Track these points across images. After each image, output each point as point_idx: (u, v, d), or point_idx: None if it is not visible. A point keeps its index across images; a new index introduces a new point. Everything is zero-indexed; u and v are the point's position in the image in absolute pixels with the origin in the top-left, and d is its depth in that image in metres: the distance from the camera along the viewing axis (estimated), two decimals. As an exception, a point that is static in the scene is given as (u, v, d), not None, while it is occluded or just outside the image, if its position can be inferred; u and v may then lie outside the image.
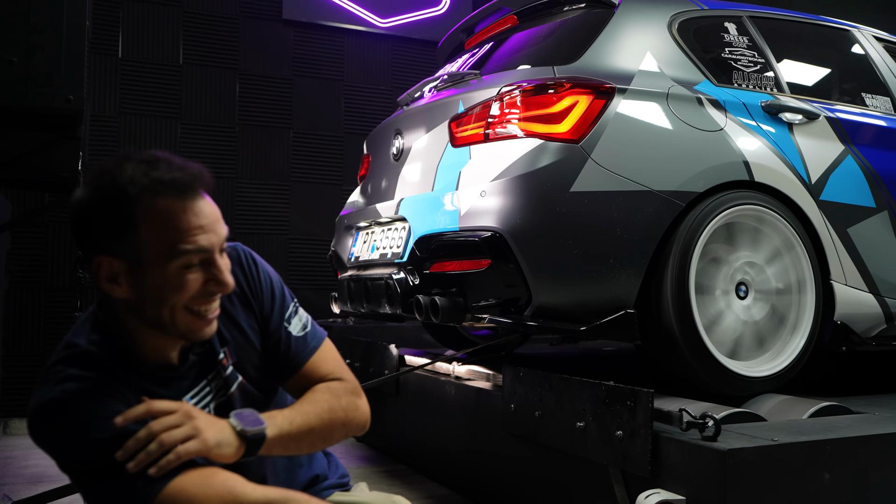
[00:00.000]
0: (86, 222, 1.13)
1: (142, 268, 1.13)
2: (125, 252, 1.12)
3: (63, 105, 1.81)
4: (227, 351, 1.31)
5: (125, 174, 1.12)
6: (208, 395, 1.29)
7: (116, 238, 1.12)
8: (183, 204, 1.13)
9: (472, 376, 3.15)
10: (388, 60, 5.69)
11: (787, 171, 2.70)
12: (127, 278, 1.13)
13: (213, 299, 1.19)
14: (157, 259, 1.12)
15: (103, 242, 1.13)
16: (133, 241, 1.12)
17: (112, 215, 1.11)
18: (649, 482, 2.05)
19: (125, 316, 1.18)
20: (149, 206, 1.11)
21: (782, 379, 2.59)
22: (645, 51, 2.73)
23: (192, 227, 1.13)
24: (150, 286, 1.13)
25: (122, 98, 4.92)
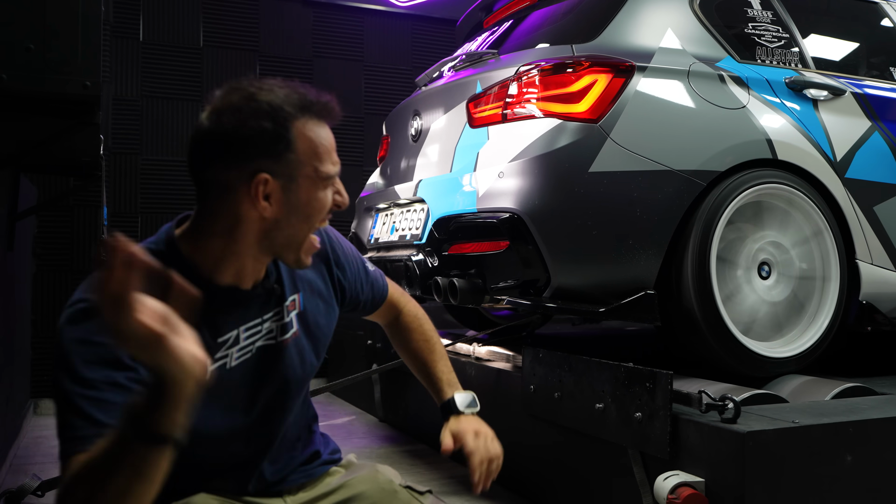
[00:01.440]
0: (241, 143, 1.14)
1: (295, 185, 1.18)
2: (282, 171, 1.17)
3: (80, 91, 1.81)
4: (297, 298, 1.36)
5: (279, 97, 1.16)
6: (259, 332, 1.29)
7: (276, 157, 1.16)
8: (325, 128, 1.22)
9: (493, 357, 3.15)
10: (409, 40, 5.65)
11: (811, 148, 2.65)
12: (279, 196, 1.17)
13: (328, 217, 1.27)
14: (309, 176, 1.19)
15: (262, 162, 1.15)
16: (290, 159, 1.17)
17: (272, 134, 1.15)
18: (668, 464, 2.04)
19: (245, 236, 1.19)
20: (302, 126, 1.17)
21: (805, 360, 2.56)
22: (666, 27, 2.68)
23: (333, 148, 1.22)
24: (301, 203, 1.19)
25: (144, 81, 4.94)
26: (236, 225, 1.19)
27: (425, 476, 3.10)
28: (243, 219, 1.18)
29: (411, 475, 3.11)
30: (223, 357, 1.25)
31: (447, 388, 1.64)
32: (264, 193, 1.17)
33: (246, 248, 1.21)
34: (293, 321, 1.35)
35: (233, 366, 1.26)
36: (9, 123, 2.08)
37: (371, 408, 4.24)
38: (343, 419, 4.24)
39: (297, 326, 1.36)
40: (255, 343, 1.29)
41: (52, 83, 1.80)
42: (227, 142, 1.15)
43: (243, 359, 1.28)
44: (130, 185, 4.87)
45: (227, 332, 1.25)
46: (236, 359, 1.27)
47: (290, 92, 1.18)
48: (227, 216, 1.18)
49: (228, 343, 1.25)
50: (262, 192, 1.16)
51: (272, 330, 1.32)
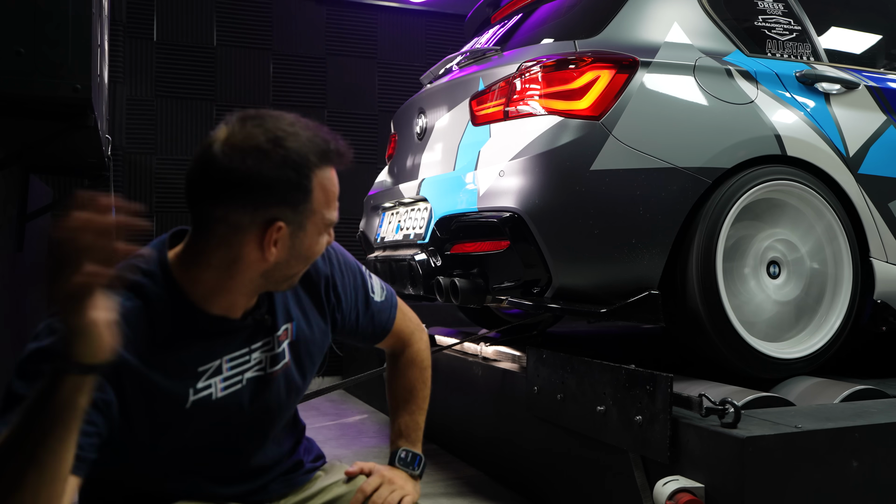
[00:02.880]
0: (264, 190, 1.12)
1: (303, 232, 1.17)
2: (296, 219, 1.16)
3: (71, 94, 1.82)
4: (289, 328, 1.33)
5: (304, 144, 1.14)
6: (248, 363, 1.27)
7: (294, 206, 1.15)
8: (334, 174, 1.21)
9: (499, 357, 3.12)
10: (422, 36, 5.63)
11: (822, 144, 2.58)
12: (286, 242, 1.17)
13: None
14: (316, 224, 1.18)
15: (280, 209, 1.14)
16: (306, 209, 1.16)
17: (295, 185, 1.13)
18: (668, 468, 2.00)
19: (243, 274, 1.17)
20: (321, 176, 1.17)
21: (816, 361, 2.50)
22: (672, 21, 2.63)
23: (336, 195, 1.21)
24: (304, 248, 1.19)
25: (158, 81, 4.98)
26: (235, 263, 1.16)
27: (432, 476, 3.08)
28: (244, 259, 1.16)
29: (417, 476, 3.09)
30: (206, 387, 1.22)
31: (399, 440, 1.58)
32: (274, 240, 1.15)
33: (241, 285, 1.19)
34: (285, 351, 1.33)
35: (219, 396, 1.24)
36: (2, 126, 2.09)
37: (383, 406, 4.24)
38: (355, 417, 4.24)
39: (289, 357, 1.34)
40: (244, 374, 1.27)
41: (43, 87, 1.81)
42: (248, 185, 1.11)
43: (233, 389, 1.26)
44: (145, 185, 4.91)
45: (209, 362, 1.22)
46: (223, 389, 1.24)
47: (313, 137, 1.16)
48: (227, 254, 1.15)
49: (209, 372, 1.23)
50: (273, 238, 1.15)
51: (261, 361, 1.30)
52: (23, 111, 1.89)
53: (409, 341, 1.60)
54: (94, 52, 1.90)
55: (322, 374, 5.32)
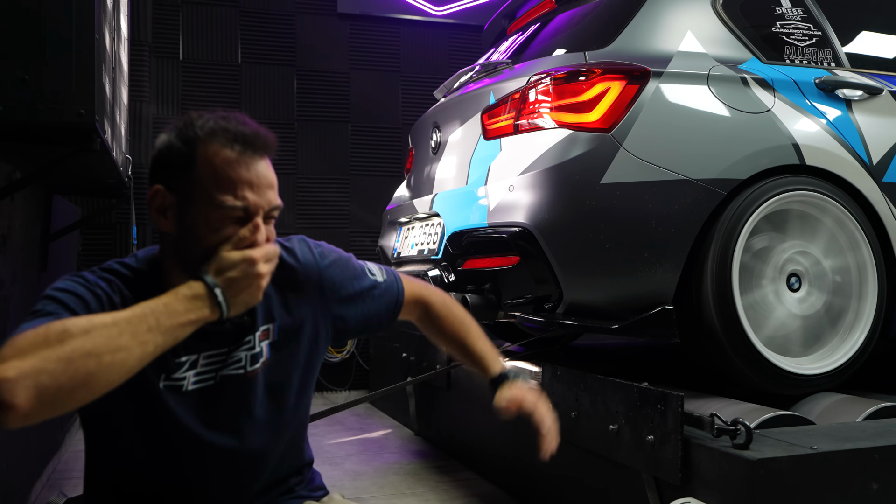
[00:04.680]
0: (157, 156, 1.24)
1: (189, 205, 1.20)
2: (178, 187, 1.20)
3: (75, 119, 1.84)
4: (271, 328, 1.33)
5: (200, 119, 1.22)
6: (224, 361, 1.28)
7: (175, 173, 1.21)
8: (240, 158, 1.20)
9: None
10: (445, 48, 5.62)
11: (844, 152, 2.50)
12: (174, 212, 1.21)
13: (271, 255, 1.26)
14: (203, 200, 1.19)
15: (163, 174, 1.22)
16: (188, 178, 1.19)
17: (177, 151, 1.20)
18: (680, 490, 1.95)
19: (165, 251, 1.27)
20: (209, 151, 1.19)
21: (840, 377, 2.41)
22: (685, 30, 2.57)
23: (241, 180, 1.20)
24: (192, 224, 1.20)
25: (184, 99, 5.05)
26: (161, 240, 1.27)
27: (450, 494, 3.06)
28: (161, 235, 1.25)
29: (436, 493, 3.07)
30: (179, 378, 1.24)
31: (493, 363, 1.60)
32: (160, 206, 1.22)
33: (172, 265, 1.25)
34: (263, 351, 1.32)
35: (189, 389, 1.25)
36: (15, 150, 2.13)
37: (408, 421, 4.22)
38: (379, 433, 4.23)
39: (268, 356, 1.33)
40: (218, 372, 1.28)
41: (47, 113, 1.83)
42: (153, 161, 1.26)
43: (204, 385, 1.27)
44: (173, 202, 4.97)
45: (185, 354, 1.24)
46: (193, 383, 1.26)
47: (216, 120, 1.22)
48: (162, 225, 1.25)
49: (185, 366, 1.25)
50: (157, 203, 1.22)
51: (240, 359, 1.30)
52: (31, 137, 1.92)
53: (427, 300, 1.59)
54: (98, 77, 1.92)
55: (349, 388, 5.33)
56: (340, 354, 5.26)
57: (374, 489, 3.12)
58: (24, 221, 2.77)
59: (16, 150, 2.26)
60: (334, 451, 3.74)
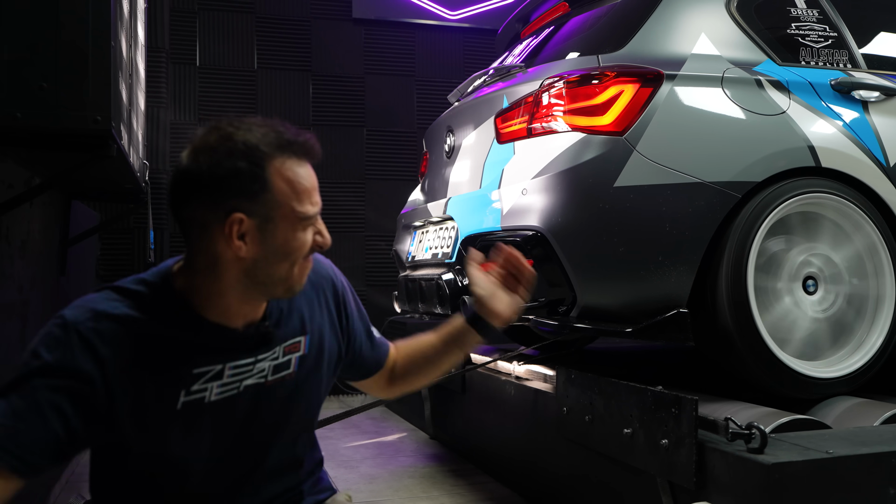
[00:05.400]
0: (215, 182, 1.15)
1: (272, 225, 1.18)
2: (258, 210, 1.16)
3: (91, 126, 1.86)
4: (303, 340, 1.34)
5: (255, 136, 1.17)
6: (250, 371, 1.28)
7: (251, 197, 1.16)
8: (304, 166, 1.21)
9: (531, 376, 3.08)
10: (460, 52, 5.64)
11: (860, 154, 2.48)
12: (255, 236, 1.17)
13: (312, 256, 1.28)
14: (286, 217, 1.18)
15: (237, 202, 1.16)
16: (266, 199, 1.16)
17: (248, 174, 1.15)
18: (695, 494, 1.94)
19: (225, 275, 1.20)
20: (280, 166, 1.17)
21: (857, 380, 2.39)
22: (699, 32, 2.57)
23: (312, 187, 1.21)
24: (279, 243, 1.19)
25: (201, 105, 5.10)
26: (216, 263, 1.19)
27: (465, 498, 3.05)
28: (221, 258, 1.18)
29: (451, 497, 3.07)
30: (200, 390, 1.23)
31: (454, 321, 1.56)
32: (239, 233, 1.16)
33: (228, 286, 1.21)
34: (291, 362, 1.33)
35: (213, 400, 1.25)
36: (33, 157, 2.16)
37: (423, 424, 4.23)
38: (394, 436, 4.24)
39: (295, 369, 1.34)
40: (242, 381, 1.28)
41: (65, 119, 1.86)
42: (202, 181, 1.16)
43: (227, 395, 1.26)
44: (190, 206, 5.02)
45: (207, 365, 1.23)
46: (217, 393, 1.25)
47: (267, 131, 1.18)
48: (206, 255, 1.19)
49: (208, 376, 1.24)
50: (236, 231, 1.16)
51: (264, 370, 1.30)
52: (49, 143, 1.95)
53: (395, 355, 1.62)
54: (115, 84, 1.95)
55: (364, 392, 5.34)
56: (356, 358, 5.27)
57: (390, 492, 3.12)
58: (43, 226, 2.81)
59: (34, 157, 2.29)
60: (350, 455, 3.75)
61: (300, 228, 1.20)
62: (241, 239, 1.17)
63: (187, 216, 1.19)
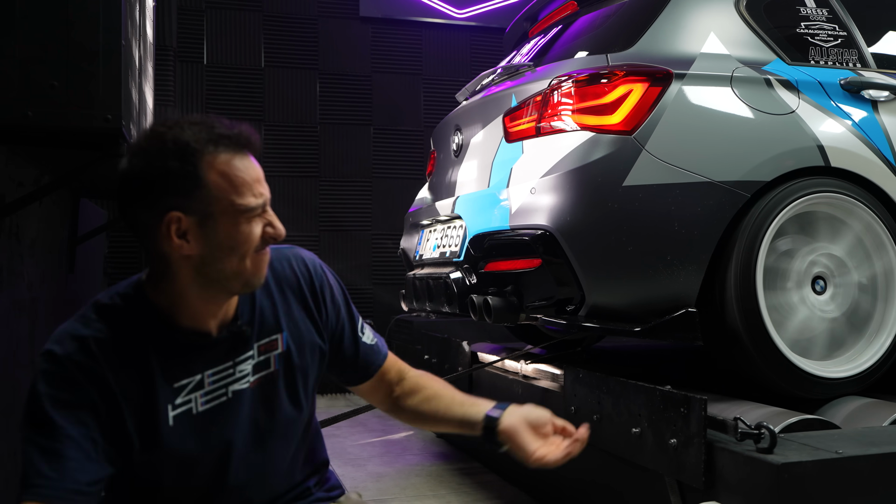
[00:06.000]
0: (148, 184, 1.14)
1: (211, 221, 1.16)
2: (194, 207, 1.15)
3: (102, 125, 1.87)
4: (279, 338, 1.33)
5: (185, 133, 1.15)
6: (232, 375, 1.27)
7: (186, 194, 1.14)
8: (242, 159, 1.18)
9: (538, 375, 3.08)
10: (467, 51, 5.65)
11: (869, 153, 2.47)
12: (196, 233, 1.16)
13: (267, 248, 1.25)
14: (226, 211, 1.16)
15: (172, 200, 1.14)
16: (202, 195, 1.15)
17: (180, 172, 1.13)
18: (704, 493, 1.93)
19: (178, 275, 1.19)
20: (213, 161, 1.15)
21: (866, 380, 2.38)
22: (708, 31, 2.56)
23: (253, 179, 1.19)
24: (222, 238, 1.17)
25: (208, 103, 5.11)
26: (167, 265, 1.18)
27: (472, 496, 3.06)
28: (169, 258, 1.17)
29: (458, 495, 3.07)
30: (185, 402, 1.22)
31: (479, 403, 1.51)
32: (179, 232, 1.15)
33: (184, 286, 1.20)
34: (271, 361, 1.32)
35: (201, 410, 1.24)
36: (43, 155, 2.17)
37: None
38: (401, 434, 4.24)
39: (278, 367, 1.32)
40: (228, 386, 1.26)
41: (76, 117, 1.87)
42: (136, 184, 1.15)
43: (216, 402, 1.25)
44: (197, 204, 5.03)
45: (186, 377, 1.22)
46: (204, 403, 1.24)
47: (199, 128, 1.16)
48: (157, 257, 1.18)
49: (189, 387, 1.23)
50: (175, 230, 1.15)
51: (246, 372, 1.29)
52: (59, 141, 1.96)
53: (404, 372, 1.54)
54: (125, 83, 1.95)
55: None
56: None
57: (397, 490, 3.13)
58: (52, 225, 2.82)
59: (43, 155, 2.30)
60: (357, 453, 3.76)
61: (243, 221, 1.18)
62: (183, 237, 1.15)
63: (130, 220, 1.18)
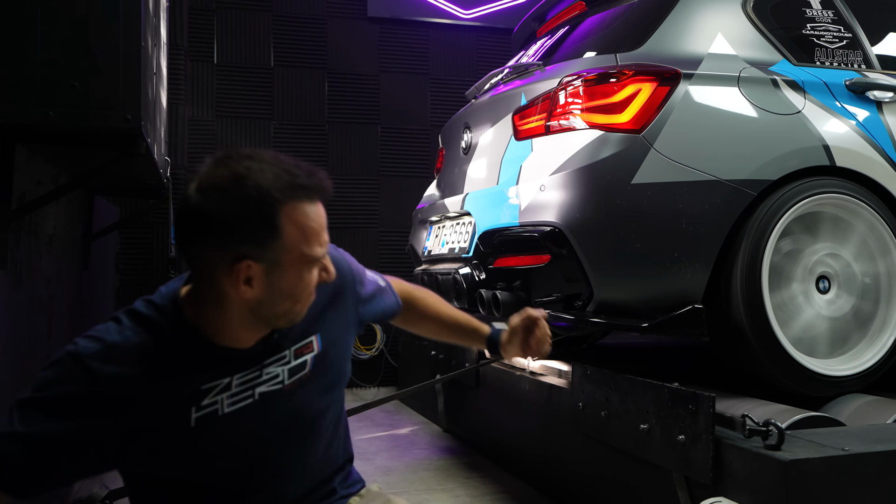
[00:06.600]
0: (223, 228, 1.12)
1: (279, 269, 1.16)
2: (266, 256, 1.14)
3: (121, 125, 1.90)
4: (314, 340, 1.34)
5: (267, 179, 1.12)
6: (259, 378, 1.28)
7: (260, 244, 1.13)
8: (315, 207, 1.18)
9: (546, 372, 3.12)
10: (473, 51, 5.67)
11: (874, 153, 2.50)
12: (261, 279, 1.15)
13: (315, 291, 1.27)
14: (295, 261, 1.16)
15: (246, 249, 1.13)
16: (276, 245, 1.14)
17: (259, 222, 1.12)
18: (712, 489, 1.97)
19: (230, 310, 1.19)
20: (291, 212, 1.14)
21: (869, 378, 2.42)
22: (716, 32, 2.59)
23: (321, 227, 1.20)
24: (284, 285, 1.17)
25: (219, 102, 5.15)
26: (221, 299, 1.18)
27: (480, 490, 3.09)
28: (227, 296, 1.17)
29: (466, 489, 3.11)
30: (211, 404, 1.23)
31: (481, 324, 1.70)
32: (246, 277, 1.15)
33: (234, 320, 1.20)
34: (307, 363, 1.34)
35: (227, 412, 1.24)
36: (63, 154, 2.21)
37: (436, 418, 4.27)
38: (407, 429, 4.28)
39: (310, 368, 1.34)
40: (255, 389, 1.27)
41: (96, 118, 1.89)
42: (210, 224, 1.12)
43: (243, 405, 1.26)
44: (207, 202, 5.07)
45: (214, 380, 1.23)
46: (230, 405, 1.25)
47: (279, 172, 1.14)
48: (213, 291, 1.18)
49: (217, 389, 1.24)
50: (243, 276, 1.14)
51: (277, 375, 1.30)
52: (79, 141, 1.99)
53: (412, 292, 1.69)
54: (144, 83, 1.99)
55: (378, 385, 5.39)
56: (370, 352, 5.34)
57: (406, 484, 3.17)
58: (69, 222, 2.86)
59: (61, 154, 2.34)
60: (365, 447, 3.80)
61: (306, 269, 1.19)
62: (248, 283, 1.15)
63: (194, 253, 1.16)
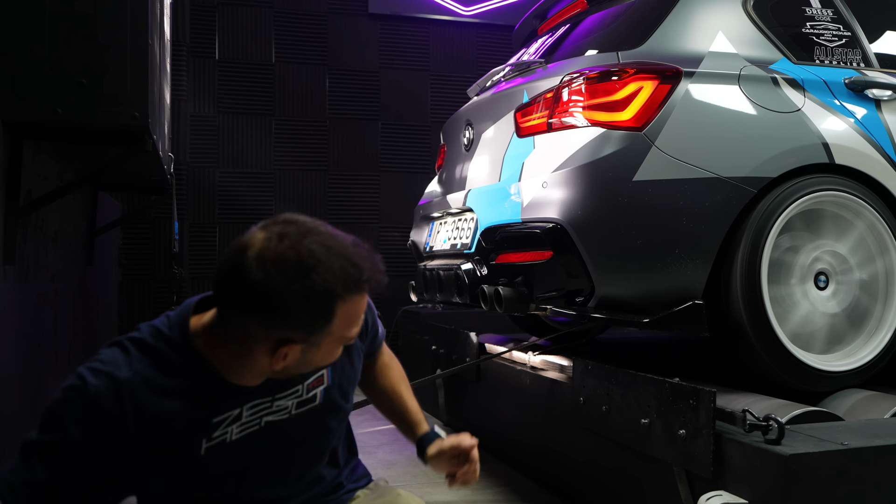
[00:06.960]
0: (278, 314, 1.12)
1: (315, 349, 1.19)
2: (310, 339, 1.17)
3: (129, 122, 1.92)
4: (325, 374, 1.36)
5: (334, 275, 1.13)
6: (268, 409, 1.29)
7: (309, 332, 1.16)
8: (365, 298, 1.21)
9: (546, 366, 3.14)
10: (474, 48, 5.69)
11: (873, 151, 2.52)
12: (297, 355, 1.18)
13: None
14: (332, 342, 1.20)
15: (294, 334, 1.15)
16: (323, 332, 1.16)
17: (317, 317, 1.14)
18: (712, 483, 1.99)
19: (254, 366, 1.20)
20: (345, 305, 1.16)
21: (866, 373, 2.45)
22: (716, 31, 2.61)
23: (362, 310, 1.22)
24: (316, 360, 1.22)
25: (220, 98, 5.16)
26: (247, 358, 1.19)
27: (482, 483, 3.11)
28: (254, 358, 1.18)
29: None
30: (221, 434, 1.25)
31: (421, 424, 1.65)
32: (284, 355, 1.17)
33: (253, 372, 1.22)
34: (317, 396, 1.36)
35: (234, 440, 1.26)
36: (71, 151, 2.23)
37: (436, 412, 4.29)
38: (409, 424, 4.30)
39: (320, 400, 1.37)
40: (262, 418, 1.29)
41: (104, 115, 1.92)
42: (267, 307, 1.11)
43: (248, 431, 1.28)
44: (208, 198, 5.10)
45: (226, 412, 1.25)
46: (238, 433, 1.27)
47: (346, 266, 1.15)
48: (241, 349, 1.18)
49: (227, 421, 1.25)
50: (283, 353, 1.17)
51: (286, 407, 1.32)
52: (86, 138, 2.01)
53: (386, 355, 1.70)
54: (150, 81, 2.01)
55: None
56: (370, 348, 5.36)
57: (408, 478, 3.19)
58: (73, 218, 2.88)
59: (66, 151, 2.36)
60: (367, 441, 3.82)
61: (339, 346, 1.23)
62: (284, 358, 1.17)
63: (236, 318, 1.15)
